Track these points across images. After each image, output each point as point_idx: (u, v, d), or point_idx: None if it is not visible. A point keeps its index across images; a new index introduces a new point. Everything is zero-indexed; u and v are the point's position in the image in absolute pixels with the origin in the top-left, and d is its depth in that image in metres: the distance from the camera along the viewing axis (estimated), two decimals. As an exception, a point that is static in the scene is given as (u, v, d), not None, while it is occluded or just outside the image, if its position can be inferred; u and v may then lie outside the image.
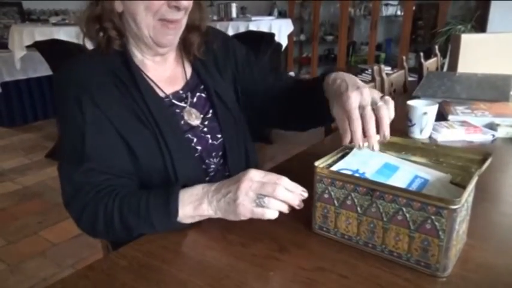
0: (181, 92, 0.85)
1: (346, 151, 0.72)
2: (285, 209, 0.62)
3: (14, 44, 2.62)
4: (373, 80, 1.69)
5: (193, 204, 0.66)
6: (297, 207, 0.62)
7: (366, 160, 0.67)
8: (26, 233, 2.19)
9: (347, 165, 0.66)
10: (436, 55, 2.41)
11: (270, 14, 4.46)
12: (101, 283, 0.55)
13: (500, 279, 0.53)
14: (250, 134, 0.98)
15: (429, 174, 0.64)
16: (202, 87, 0.88)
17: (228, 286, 0.53)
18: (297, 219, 0.69)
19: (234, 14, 3.51)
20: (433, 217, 0.52)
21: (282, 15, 4.66)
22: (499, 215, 0.72)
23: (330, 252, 0.60)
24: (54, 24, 2.66)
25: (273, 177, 0.61)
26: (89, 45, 0.83)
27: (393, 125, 0.67)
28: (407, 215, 0.54)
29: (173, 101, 0.83)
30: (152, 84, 0.81)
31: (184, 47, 0.88)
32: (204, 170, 0.85)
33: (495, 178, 0.87)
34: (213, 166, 0.86)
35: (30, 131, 3.99)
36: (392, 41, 4.60)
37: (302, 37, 5.01)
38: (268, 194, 0.60)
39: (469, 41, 1.75)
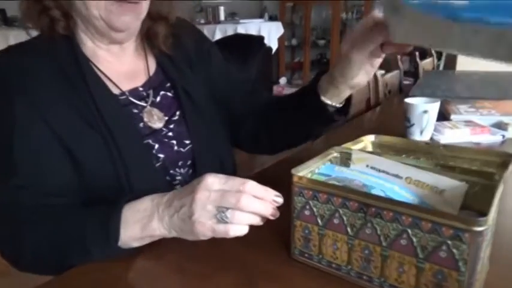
0: (141, 89, 0.70)
1: (333, 155, 0.58)
2: (256, 222, 0.48)
3: (-13, 48, 2.47)
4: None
5: (141, 223, 0.51)
6: (271, 218, 0.48)
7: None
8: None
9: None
10: (431, 55, 2.29)
11: (261, 18, 4.35)
12: None
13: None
14: (234, 142, 0.84)
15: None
16: (168, 85, 0.73)
17: None
18: (275, 241, 0.55)
19: (222, 17, 3.40)
20: (449, 242, 0.38)
21: (273, 19, 4.55)
22: (523, 231, 0.58)
23: (313, 286, 0.46)
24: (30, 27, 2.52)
25: (236, 182, 0.47)
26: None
27: (390, 127, 0.54)
28: (414, 239, 0.40)
29: (130, 98, 0.68)
30: (105, 79, 0.66)
31: (148, 39, 0.74)
32: (168, 182, 0.70)
33: (509, 186, 0.73)
34: (179, 178, 0.71)
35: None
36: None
37: (294, 42, 4.90)
38: (231, 206, 0.46)
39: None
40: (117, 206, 0.53)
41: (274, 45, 3.37)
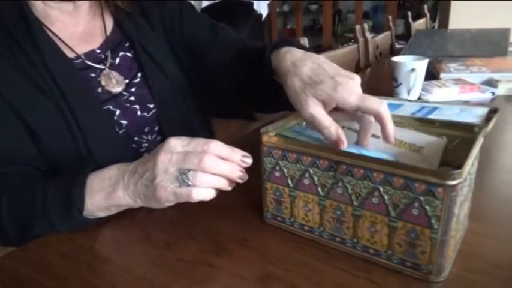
0: (98, 51, 0.66)
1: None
2: (222, 185, 0.44)
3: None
4: (355, 41, 1.50)
5: (105, 192, 0.48)
6: (239, 181, 0.45)
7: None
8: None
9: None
10: (425, 15, 2.22)
11: (250, -17, 4.18)
12: None
13: (519, 281, 0.37)
14: (207, 104, 0.79)
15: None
16: (127, 44, 0.68)
17: (132, 311, 0.37)
18: (249, 206, 0.52)
19: (209, -17, 3.27)
20: (421, 198, 0.36)
21: (263, -16, 4.39)
22: (507, 188, 0.56)
23: (285, 252, 0.44)
24: None
25: (200, 143, 0.44)
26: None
27: (378, 87, 0.50)
28: (386, 197, 0.38)
29: (86, 62, 0.64)
30: (58, 41, 0.62)
31: None
32: (135, 150, 0.67)
33: (498, 142, 0.71)
34: (145, 145, 0.67)
35: None
36: (380, 8, 4.38)
37: (285, 8, 4.75)
38: (193, 168, 0.43)
39: (461, -7, 1.57)
40: (80, 174, 0.50)
41: (264, 12, 3.26)
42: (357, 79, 0.45)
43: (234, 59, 0.70)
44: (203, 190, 0.43)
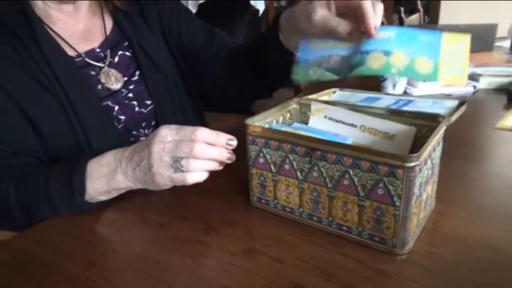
0: (98, 50, 0.70)
1: (292, 106, 0.60)
2: (213, 167, 0.49)
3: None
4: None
5: (106, 178, 0.53)
6: (228, 161, 0.49)
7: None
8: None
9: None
10: (418, 10, 2.26)
11: (248, -21, 4.20)
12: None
13: (474, 255, 0.42)
14: (200, 101, 0.83)
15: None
16: (126, 44, 0.72)
17: (129, 281, 0.42)
18: (236, 190, 0.57)
19: (206, -21, 3.29)
20: (385, 179, 0.40)
21: (260, -21, 4.41)
22: (477, 174, 0.61)
23: (268, 230, 0.49)
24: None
25: (187, 131, 0.48)
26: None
27: (366, 80, 0.54)
28: (355, 179, 0.42)
29: (87, 60, 0.68)
30: (59, 40, 0.66)
31: None
32: (132, 143, 0.71)
33: (475, 132, 0.75)
34: (142, 138, 0.72)
35: None
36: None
37: (283, 2, 4.77)
38: (185, 156, 0.48)
39: (450, -11, 1.60)
40: (80, 162, 0.54)
41: (261, 7, 3.29)
42: None
43: (230, 55, 0.75)
44: (197, 174, 0.48)
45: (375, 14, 0.47)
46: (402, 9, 2.00)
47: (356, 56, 0.48)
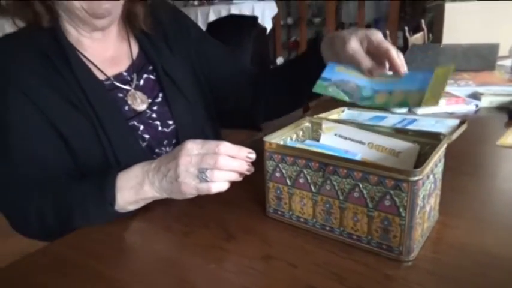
0: (125, 73, 0.76)
1: (304, 124, 0.64)
2: (234, 177, 0.54)
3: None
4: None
5: (135, 189, 0.58)
6: (247, 173, 0.55)
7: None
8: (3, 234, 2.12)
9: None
10: (422, 29, 2.32)
11: (255, -3, 4.32)
12: (12, 286, 0.47)
13: (474, 260, 0.46)
14: (218, 120, 0.89)
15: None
16: (150, 67, 0.78)
17: (160, 283, 0.46)
18: (254, 201, 0.62)
19: (215, -2, 3.41)
20: (391, 192, 0.45)
21: (267, -2, 4.53)
22: (478, 189, 0.65)
23: (283, 239, 0.53)
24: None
25: (212, 145, 0.53)
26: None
27: None
28: (364, 191, 0.47)
29: (115, 83, 0.74)
30: (90, 65, 0.72)
31: (129, 21, 0.78)
32: None
33: (477, 149, 0.80)
34: (160, 157, 0.77)
35: None
36: (381, 21, 4.49)
37: (289, 20, 4.89)
38: (210, 167, 0.53)
39: (453, 10, 1.66)
40: (110, 175, 0.59)
41: (268, 25, 3.38)
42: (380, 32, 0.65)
43: (256, 76, 0.84)
44: (220, 184, 0.53)
45: (403, 60, 0.61)
46: (406, 28, 2.06)
47: (368, 90, 0.61)
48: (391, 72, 0.63)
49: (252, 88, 0.85)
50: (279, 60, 4.94)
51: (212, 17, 3.03)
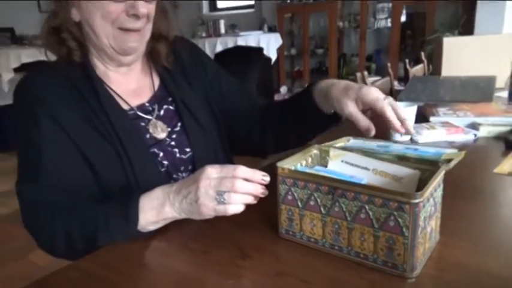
0: (147, 104, 0.82)
1: (313, 152, 0.69)
2: (249, 200, 0.59)
3: (1, 67, 2.62)
4: (356, 86, 1.67)
5: (156, 210, 0.63)
6: (262, 195, 0.59)
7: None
8: (14, 256, 2.15)
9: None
10: (422, 61, 2.41)
11: (260, 29, 4.49)
12: (46, 298, 0.51)
13: (474, 279, 0.50)
14: (230, 148, 0.95)
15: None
16: (170, 99, 0.85)
17: (182, 296, 0.50)
18: (266, 222, 0.66)
19: (222, 30, 3.54)
20: (395, 213, 0.49)
21: (272, 30, 4.70)
22: (477, 213, 0.69)
23: (295, 257, 0.57)
24: (42, 46, 2.67)
25: (230, 169, 0.58)
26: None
27: (376, 127, 0.66)
28: (370, 213, 0.51)
29: (138, 113, 0.80)
30: (115, 96, 0.78)
31: (152, 57, 0.86)
32: None
33: (475, 176, 0.84)
34: (180, 180, 0.82)
35: (22, 154, 3.95)
36: (382, 52, 4.62)
37: (293, 51, 5.04)
38: (227, 190, 0.57)
39: (451, 44, 1.74)
40: (134, 197, 0.64)
41: (273, 56, 3.50)
42: (375, 89, 0.67)
43: (265, 110, 0.89)
44: (236, 206, 0.57)
45: (402, 116, 0.63)
46: (407, 60, 2.15)
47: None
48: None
49: (261, 120, 0.90)
50: (283, 89, 5.06)
51: (219, 48, 3.15)
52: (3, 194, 2.99)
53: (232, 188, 0.57)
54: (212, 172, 0.59)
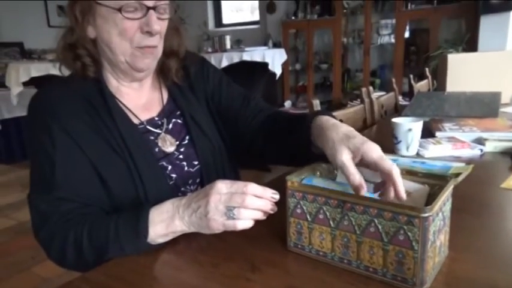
0: (156, 118, 0.83)
1: (322, 165, 0.70)
2: (259, 216, 0.59)
3: (11, 80, 2.66)
4: (362, 101, 1.68)
5: (165, 223, 0.63)
6: (271, 212, 0.60)
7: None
8: (19, 268, 2.15)
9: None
10: (427, 77, 2.42)
11: (265, 45, 4.55)
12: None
13: (483, 293, 0.50)
14: (236, 160, 0.95)
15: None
16: (178, 113, 0.86)
17: (193, 308, 0.50)
18: (274, 236, 0.66)
19: (228, 45, 3.59)
20: (405, 227, 0.49)
21: (277, 45, 4.76)
22: (485, 228, 0.69)
23: (304, 270, 0.57)
24: (51, 61, 2.72)
25: (240, 186, 0.59)
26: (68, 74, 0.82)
27: (381, 142, 0.63)
28: (380, 226, 0.52)
29: (148, 127, 0.81)
30: (127, 111, 0.80)
31: (162, 73, 0.87)
32: None
33: (482, 191, 0.84)
34: (189, 194, 0.83)
35: (29, 167, 3.98)
36: (387, 67, 4.66)
37: (297, 66, 5.09)
38: (237, 205, 0.58)
39: (455, 60, 1.76)
40: (144, 210, 0.65)
41: (278, 71, 3.54)
42: (378, 146, 0.60)
43: (264, 122, 0.87)
44: (245, 221, 0.58)
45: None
46: (411, 76, 2.16)
47: None
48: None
49: (264, 129, 0.88)
50: (287, 103, 5.09)
51: (225, 63, 3.19)
52: (7, 206, 3.00)
53: (242, 203, 0.57)
54: (223, 187, 0.60)
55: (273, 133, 0.84)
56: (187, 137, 0.85)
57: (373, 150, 0.58)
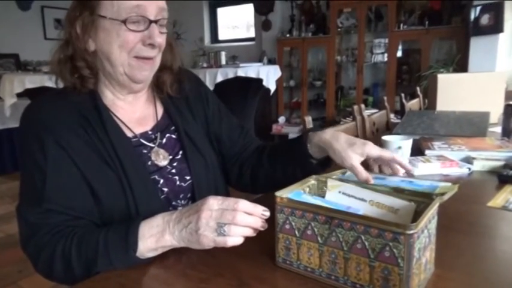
0: (150, 132, 0.84)
1: (311, 182, 0.71)
2: (249, 233, 0.60)
3: (5, 92, 2.66)
4: (353, 119, 1.71)
5: (155, 237, 0.63)
6: (261, 229, 0.60)
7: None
8: (5, 282, 2.11)
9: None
10: (418, 96, 2.46)
11: (260, 61, 4.60)
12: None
13: (467, 310, 0.50)
14: (225, 176, 0.97)
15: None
16: (172, 128, 0.87)
17: (180, 323, 0.50)
18: (263, 252, 0.66)
19: (223, 61, 3.63)
20: (390, 244, 0.50)
21: (271, 62, 4.81)
22: (471, 245, 0.70)
23: (292, 286, 0.58)
24: (46, 73, 2.73)
25: (231, 202, 0.60)
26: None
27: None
28: (366, 243, 0.52)
29: (141, 140, 0.82)
30: (120, 124, 0.80)
31: (157, 86, 0.89)
32: None
33: (469, 209, 0.85)
34: (180, 208, 0.83)
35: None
36: (379, 85, 4.72)
37: (292, 83, 5.14)
38: (228, 222, 0.58)
39: (445, 80, 1.80)
40: (134, 224, 0.65)
41: (272, 87, 3.57)
42: (373, 143, 0.78)
43: (257, 150, 0.94)
44: (235, 238, 0.58)
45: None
46: (403, 95, 2.20)
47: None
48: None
49: (254, 158, 0.93)
50: (281, 119, 5.12)
51: (220, 78, 3.22)
52: (-4, 218, 2.96)
53: (233, 220, 0.58)
54: (214, 203, 0.60)
55: (269, 155, 0.90)
56: (180, 152, 0.86)
57: (373, 148, 0.77)
